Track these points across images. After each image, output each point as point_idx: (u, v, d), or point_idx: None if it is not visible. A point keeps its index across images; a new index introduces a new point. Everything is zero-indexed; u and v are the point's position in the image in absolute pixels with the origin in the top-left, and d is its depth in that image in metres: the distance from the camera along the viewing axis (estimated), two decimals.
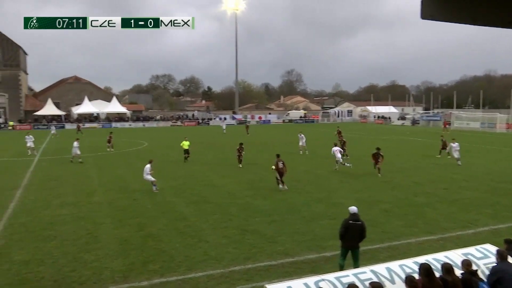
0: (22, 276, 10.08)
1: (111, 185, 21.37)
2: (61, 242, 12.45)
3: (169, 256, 11.24)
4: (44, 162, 30.03)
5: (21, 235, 13.17)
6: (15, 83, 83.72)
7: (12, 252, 11.70)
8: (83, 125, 74.82)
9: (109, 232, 13.50)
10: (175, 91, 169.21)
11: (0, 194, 19.17)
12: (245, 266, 10.54)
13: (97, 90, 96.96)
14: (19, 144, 43.52)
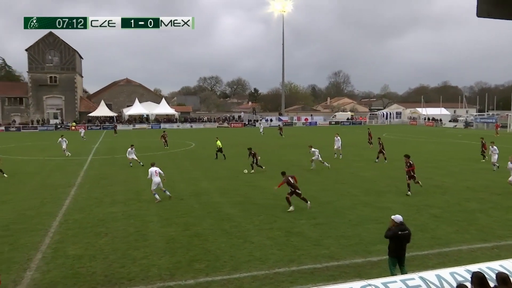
0: (75, 270, 10.52)
1: None
2: (111, 239, 12.89)
3: (214, 256, 11.38)
4: (97, 162, 31.20)
5: (75, 231, 13.75)
6: (71, 85, 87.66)
7: (67, 247, 12.23)
8: (133, 126, 77.24)
9: (157, 230, 13.84)
10: (222, 92, 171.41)
11: (56, 192, 20.10)
12: (289, 268, 10.50)
13: (147, 92, 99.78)
14: (74, 144, 45.46)
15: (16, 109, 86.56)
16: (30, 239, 12.96)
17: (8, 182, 22.88)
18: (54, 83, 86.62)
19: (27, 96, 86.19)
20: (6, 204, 17.62)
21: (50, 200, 18.19)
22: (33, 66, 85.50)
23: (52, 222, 14.85)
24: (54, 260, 11.21)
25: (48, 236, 13.21)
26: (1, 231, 13.59)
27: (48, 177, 24.36)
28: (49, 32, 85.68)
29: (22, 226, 14.32)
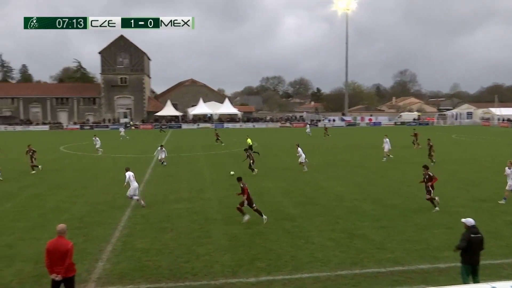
0: (142, 263, 10.97)
1: (222, 183, 22.29)
2: (176, 235, 13.30)
3: (276, 255, 11.41)
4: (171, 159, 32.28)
5: (142, 226, 14.33)
6: (140, 86, 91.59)
7: (135, 240, 12.78)
8: (197, 125, 79.09)
9: (220, 228, 14.10)
10: (284, 92, 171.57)
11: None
12: (352, 271, 10.30)
13: (211, 92, 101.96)
14: (142, 142, 47.45)
15: (89, 108, 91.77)
16: (102, 231, 13.68)
17: (84, 177, 24.27)
18: (124, 84, 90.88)
19: (100, 96, 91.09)
20: (81, 198, 18.73)
21: (121, 196, 19.05)
22: (105, 68, 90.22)
23: (122, 216, 15.57)
24: (123, 252, 11.75)
25: (118, 230, 13.87)
26: (76, 223, 14.44)
27: (119, 174, 25.48)
28: (120, 36, 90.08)
29: (95, 219, 15.15)
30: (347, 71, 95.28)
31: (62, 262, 7.84)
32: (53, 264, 7.88)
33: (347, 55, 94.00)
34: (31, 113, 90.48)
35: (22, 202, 18.03)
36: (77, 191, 20.19)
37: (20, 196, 19.12)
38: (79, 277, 9.44)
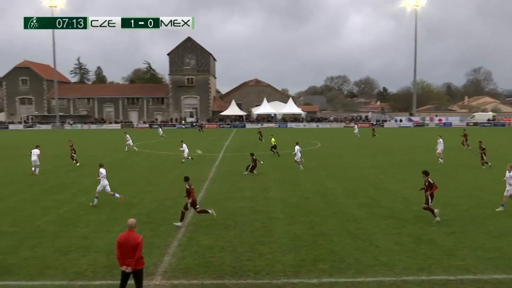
0: (206, 259, 11.22)
1: (285, 182, 22.29)
2: (239, 233, 13.48)
3: (339, 257, 11.23)
4: (227, 158, 32.90)
5: (207, 223, 14.65)
6: (206, 86, 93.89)
7: (199, 236, 13.10)
8: (261, 124, 79.53)
9: (282, 227, 14.11)
10: (349, 92, 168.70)
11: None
12: (418, 277, 9.91)
13: (275, 92, 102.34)
14: (206, 141, 48.54)
15: (158, 108, 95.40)
16: (168, 227, 14.16)
17: (151, 174, 25.27)
18: (190, 84, 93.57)
19: (168, 96, 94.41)
20: (149, 194, 19.50)
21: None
22: (173, 69, 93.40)
23: (187, 213, 16.00)
24: (188, 248, 12.09)
25: (183, 226, 14.28)
26: (145, 218, 15.05)
27: (185, 171, 26.27)
28: (187, 38, 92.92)
29: (162, 215, 15.71)
30: (416, 69, 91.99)
31: (132, 254, 8.22)
32: (124, 256, 8.28)
33: (416, 53, 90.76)
34: (105, 112, 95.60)
35: None
36: (145, 188, 21.05)
37: (94, 191, 20.22)
38: (147, 270, 9.83)
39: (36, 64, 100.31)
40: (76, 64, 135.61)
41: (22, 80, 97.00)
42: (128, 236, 8.34)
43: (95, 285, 9.68)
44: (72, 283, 9.78)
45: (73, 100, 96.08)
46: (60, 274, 10.24)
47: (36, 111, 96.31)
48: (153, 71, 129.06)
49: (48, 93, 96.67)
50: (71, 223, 14.67)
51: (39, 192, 20.04)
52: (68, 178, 23.89)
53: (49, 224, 14.52)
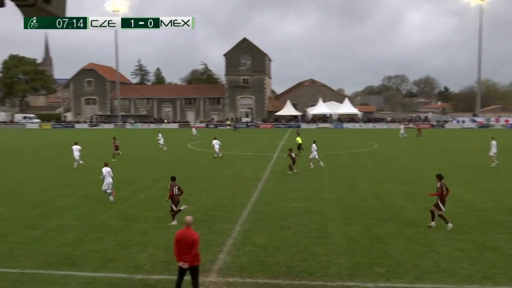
0: (261, 258, 11.28)
1: (340, 183, 21.97)
2: (294, 233, 13.44)
3: (396, 262, 10.92)
4: (282, 158, 32.88)
5: (262, 222, 14.74)
6: (261, 86, 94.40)
7: (254, 235, 13.20)
8: (316, 125, 78.81)
9: (337, 229, 13.92)
10: (408, 92, 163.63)
11: (246, 184, 21.85)
12: (482, 286, 9.44)
13: (331, 92, 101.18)
14: (262, 141, 48.80)
15: (214, 108, 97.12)
16: (223, 225, 14.37)
17: (207, 173, 25.74)
18: (246, 84, 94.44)
19: (224, 96, 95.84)
20: (205, 193, 19.89)
21: (241, 192, 19.85)
22: (229, 69, 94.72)
23: (242, 211, 16.19)
24: (243, 246, 12.21)
25: (238, 224, 14.45)
26: (201, 216, 15.36)
27: (240, 171, 26.62)
28: (243, 38, 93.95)
29: (217, 213, 15.98)
30: (480, 67, 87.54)
31: (189, 251, 8.43)
32: (181, 252, 8.50)
33: (480, 50, 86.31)
34: (163, 112, 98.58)
35: (155, 193, 19.71)
36: (202, 186, 21.48)
37: (153, 188, 20.92)
38: (202, 267, 10.03)
39: (100, 66, 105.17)
40: (137, 65, 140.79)
41: (88, 81, 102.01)
42: (186, 233, 8.55)
43: (153, 279, 10.01)
44: (132, 276, 10.16)
45: (134, 100, 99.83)
46: (121, 267, 10.67)
47: (99, 111, 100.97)
48: (209, 71, 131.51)
49: (111, 93, 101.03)
50: (131, 218, 15.25)
51: None
52: (129, 175, 24.83)
53: (112, 219, 15.18)
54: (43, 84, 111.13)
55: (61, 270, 10.49)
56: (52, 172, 26.39)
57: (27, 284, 9.73)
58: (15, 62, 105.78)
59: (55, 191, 20.08)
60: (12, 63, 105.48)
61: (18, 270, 10.53)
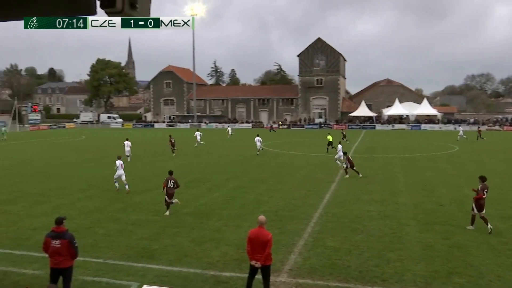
0: (332, 261, 11.13)
1: (417, 187, 21.10)
2: (367, 237, 13.11)
3: (477, 272, 10.28)
4: (355, 160, 32.19)
5: (333, 224, 14.54)
6: (335, 87, 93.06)
7: (325, 238, 13.05)
8: (392, 126, 76.08)
9: (413, 234, 13.38)
10: (493, 91, 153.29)
11: (318, 185, 21.66)
12: None
13: (408, 92, 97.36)
14: (336, 142, 48.08)
15: (287, 109, 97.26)
16: (295, 226, 14.36)
17: (279, 173, 25.84)
18: (320, 85, 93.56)
19: (297, 97, 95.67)
20: (277, 193, 19.99)
21: (313, 193, 19.72)
22: (303, 70, 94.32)
23: (314, 213, 16.07)
24: (314, 248, 12.12)
25: (309, 226, 14.37)
26: (273, 216, 15.45)
27: (312, 172, 26.45)
28: (317, 38, 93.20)
29: (289, 214, 15.99)
30: None
31: (262, 250, 8.53)
32: (254, 251, 8.62)
33: None
34: (237, 112, 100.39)
35: (228, 192, 20.15)
36: (273, 186, 21.61)
37: (227, 187, 21.38)
38: (273, 267, 10.08)
39: (178, 68, 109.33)
40: (213, 67, 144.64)
41: (166, 83, 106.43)
42: (259, 232, 8.66)
43: (225, 276, 10.23)
44: (205, 272, 10.46)
45: (209, 101, 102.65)
46: (195, 263, 11.03)
47: (177, 111, 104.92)
48: (283, 72, 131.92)
49: (187, 94, 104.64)
50: (205, 216, 15.71)
51: (180, 186, 21.75)
52: (203, 174, 25.59)
53: (187, 216, 15.73)
54: (126, 86, 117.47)
55: (139, 263, 11.05)
56: (132, 169, 27.84)
57: (109, 274, 10.35)
58: (101, 65, 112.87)
59: (135, 188, 21.17)
60: (99, 67, 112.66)
61: (101, 260, 11.25)
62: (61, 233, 8.53)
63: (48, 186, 21.90)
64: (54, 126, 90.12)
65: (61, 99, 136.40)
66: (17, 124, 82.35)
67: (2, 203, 18.05)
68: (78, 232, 12.42)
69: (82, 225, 14.33)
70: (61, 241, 8.44)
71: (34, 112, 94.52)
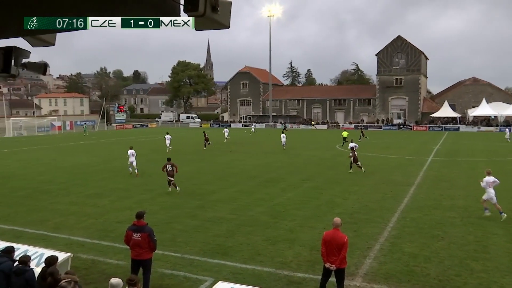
0: (409, 267, 10.70)
1: (506, 194, 19.59)
2: (448, 244, 12.45)
3: None
4: (437, 163, 30.73)
5: (411, 229, 13.97)
6: (415, 86, 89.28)
7: (403, 243, 12.58)
8: (478, 128, 71.60)
9: (501, 244, 12.49)
10: None
11: (396, 189, 20.92)
12: None
13: (497, 91, 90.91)
14: (415, 144, 46.26)
15: (364, 109, 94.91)
16: (370, 229, 13.99)
17: (356, 174, 25.31)
18: (399, 84, 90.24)
19: (375, 97, 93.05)
20: (352, 195, 19.60)
21: (391, 196, 19.08)
22: (381, 69, 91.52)
23: (391, 217, 15.55)
24: (391, 253, 11.73)
25: (386, 230, 13.93)
26: (348, 218, 15.16)
27: (390, 174, 25.60)
28: (397, 36, 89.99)
29: (365, 217, 15.61)
30: None
31: (336, 253, 8.42)
32: (329, 254, 8.54)
33: None
34: (313, 113, 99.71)
35: (302, 193, 20.09)
36: (349, 188, 21.20)
37: (301, 188, 21.33)
38: (348, 270, 9.91)
39: (254, 69, 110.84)
40: (289, 67, 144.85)
41: (243, 84, 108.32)
42: (334, 235, 8.56)
43: (298, 277, 10.21)
44: (278, 271, 10.51)
45: (284, 101, 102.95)
46: (268, 262, 11.13)
47: (253, 111, 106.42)
48: (360, 72, 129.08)
49: (263, 95, 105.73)
50: (279, 215, 15.79)
51: (254, 185, 22.11)
52: (278, 174, 25.74)
53: (261, 215, 15.91)
54: (204, 87, 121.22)
55: (214, 259, 11.37)
56: (210, 167, 28.68)
57: (186, 268, 10.75)
58: (182, 67, 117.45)
59: (213, 186, 21.80)
60: (179, 68, 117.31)
61: (179, 254, 11.72)
62: (141, 226, 9.05)
63: (132, 182, 23.21)
64: (138, 125, 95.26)
65: (144, 100, 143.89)
66: (105, 123, 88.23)
67: (91, 196, 19.43)
68: (158, 226, 13.03)
69: (162, 220, 15.02)
70: (141, 235, 8.95)
71: (120, 112, 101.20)
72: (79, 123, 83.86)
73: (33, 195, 19.79)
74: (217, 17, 2.48)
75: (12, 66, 2.91)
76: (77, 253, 11.24)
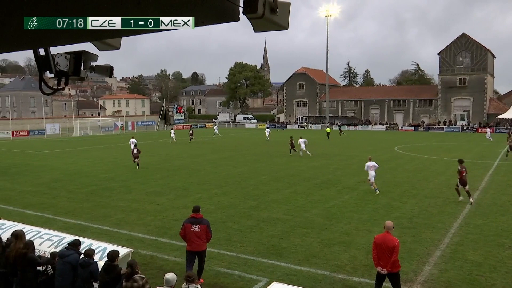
0: (473, 276, 10.21)
1: None
2: None
3: None
4: (503, 167, 29.10)
5: (475, 236, 13.32)
6: (481, 86, 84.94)
7: (466, 250, 12.01)
8: None
9: None
10: None
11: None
12: None
13: None
14: (480, 147, 44.07)
15: (425, 110, 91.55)
16: (430, 235, 13.48)
17: (415, 178, 24.47)
18: (463, 84, 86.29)
19: (436, 98, 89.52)
20: (411, 198, 18.97)
21: (452, 201, 18.28)
22: (443, 69, 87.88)
23: (453, 223, 14.90)
24: (452, 261, 11.24)
25: (447, 236, 13.37)
26: (406, 223, 14.73)
27: (452, 178, 24.44)
28: (462, 34, 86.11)
29: (424, 222, 15.06)
30: None
31: (387, 256, 8.21)
32: (379, 257, 8.34)
33: None
34: (370, 114, 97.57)
35: (359, 195, 19.70)
36: (408, 191, 20.55)
37: (357, 190, 20.93)
38: (406, 276, 9.62)
39: (311, 70, 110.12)
40: (346, 68, 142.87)
41: (299, 84, 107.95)
42: (385, 238, 8.36)
43: (354, 281, 10.03)
44: (333, 274, 10.38)
45: (341, 102, 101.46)
46: (323, 264, 11.01)
47: (309, 112, 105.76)
48: (421, 72, 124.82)
49: (320, 96, 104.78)
50: (335, 218, 15.58)
51: (311, 187, 21.95)
52: (335, 175, 25.42)
53: (316, 217, 15.78)
54: (260, 88, 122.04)
55: (269, 259, 11.40)
56: (265, 168, 28.80)
57: (241, 268, 10.86)
58: (239, 68, 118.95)
59: (268, 186, 21.89)
60: (236, 70, 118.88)
61: (234, 253, 11.86)
62: (200, 219, 9.71)
63: (189, 180, 23.78)
64: (196, 126, 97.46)
65: (202, 101, 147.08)
66: (164, 124, 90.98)
67: (151, 194, 20.11)
68: (214, 225, 13.23)
69: (218, 219, 15.26)
70: (200, 226, 9.59)
71: (178, 112, 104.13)
72: (140, 123, 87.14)
73: (97, 192, 20.79)
74: (275, 18, 2.48)
75: (82, 69, 3.09)
76: (137, 249, 11.65)
